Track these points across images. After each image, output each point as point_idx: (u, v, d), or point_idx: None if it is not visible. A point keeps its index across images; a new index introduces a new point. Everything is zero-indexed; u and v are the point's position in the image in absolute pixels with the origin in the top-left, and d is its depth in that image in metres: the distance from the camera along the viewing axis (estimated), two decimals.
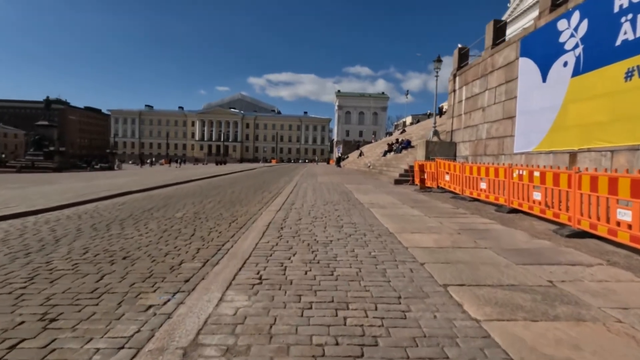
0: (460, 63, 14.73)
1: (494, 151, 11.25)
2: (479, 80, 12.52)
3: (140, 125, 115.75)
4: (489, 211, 7.50)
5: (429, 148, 14.40)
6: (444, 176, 10.93)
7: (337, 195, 9.87)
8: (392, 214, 6.83)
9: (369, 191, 11.20)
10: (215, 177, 21.04)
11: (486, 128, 11.85)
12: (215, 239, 5.06)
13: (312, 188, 12.15)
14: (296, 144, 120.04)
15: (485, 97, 11.96)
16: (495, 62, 11.40)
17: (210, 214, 7.29)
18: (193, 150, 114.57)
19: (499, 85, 11.11)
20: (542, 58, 9.00)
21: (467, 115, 13.43)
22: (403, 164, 17.55)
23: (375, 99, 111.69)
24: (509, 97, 10.54)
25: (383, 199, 9.34)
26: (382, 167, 20.60)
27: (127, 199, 9.94)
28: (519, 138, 9.89)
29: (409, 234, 5.10)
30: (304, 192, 10.73)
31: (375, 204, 8.20)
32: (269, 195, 10.77)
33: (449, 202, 8.82)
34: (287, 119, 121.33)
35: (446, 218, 6.55)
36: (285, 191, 11.37)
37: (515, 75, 10.24)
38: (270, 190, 12.32)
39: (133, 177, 20.60)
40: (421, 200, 9.25)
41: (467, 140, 13.34)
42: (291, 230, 5.29)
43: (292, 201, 8.66)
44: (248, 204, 8.92)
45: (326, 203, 8.34)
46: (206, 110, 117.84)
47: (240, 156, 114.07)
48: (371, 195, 10.01)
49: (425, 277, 3.27)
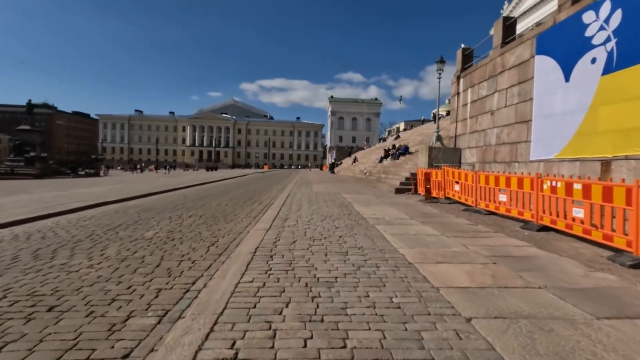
0: (464, 64, 13.86)
1: (506, 158, 10.30)
2: (486, 82, 11.62)
3: (130, 131, 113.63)
4: (513, 228, 6.47)
5: (432, 154, 13.42)
6: (452, 186, 9.92)
7: (335, 208, 8.78)
8: (403, 234, 5.75)
9: (370, 202, 10.14)
10: (203, 185, 19.81)
11: (496, 133, 10.91)
12: (184, 273, 3.92)
13: (307, 199, 11.05)
14: (289, 150, 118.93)
15: (495, 100, 11.04)
16: (506, 62, 10.49)
17: (188, 233, 6.13)
18: (184, 156, 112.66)
19: (510, 86, 10.20)
20: (564, 55, 8.09)
21: (473, 119, 12.50)
22: (403, 171, 16.56)
23: (369, 104, 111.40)
24: (522, 99, 9.61)
25: (388, 212, 8.27)
26: (379, 175, 19.59)
27: (96, 212, 8.72)
28: (536, 144, 8.94)
29: (433, 265, 4.02)
30: (298, 204, 9.62)
31: (381, 219, 7.13)
32: (259, 207, 9.63)
33: (463, 217, 7.79)
34: (280, 125, 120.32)
35: (468, 238, 5.50)
36: (277, 202, 10.25)
37: (530, 75, 9.32)
38: (261, 201, 11.18)
39: (116, 184, 19.28)
40: (431, 213, 8.20)
41: (473, 146, 12.39)
42: (283, 259, 4.17)
43: (284, 215, 7.54)
44: (234, 218, 7.77)
45: (324, 218, 7.24)
46: (198, 116, 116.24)
47: (232, 162, 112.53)
48: (374, 208, 8.94)
49: (484, 351, 2.18)
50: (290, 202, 10.00)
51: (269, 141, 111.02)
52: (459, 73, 13.93)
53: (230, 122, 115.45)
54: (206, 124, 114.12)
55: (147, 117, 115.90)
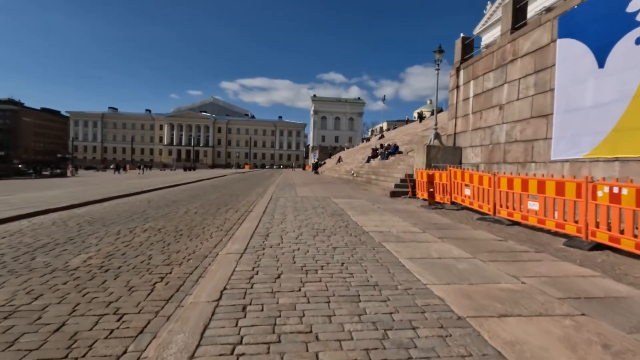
0: (464, 55, 12.65)
1: (519, 158, 9.08)
2: (493, 73, 10.40)
3: (103, 129, 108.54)
4: (555, 245, 5.16)
5: (431, 154, 12.13)
6: (461, 190, 8.61)
7: (328, 218, 7.29)
8: (424, 257, 4.32)
9: (366, 209, 8.70)
10: (176, 187, 17.92)
11: (506, 130, 9.69)
12: (99, 349, 2.32)
13: (293, 205, 9.51)
14: (270, 150, 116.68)
15: (504, 92, 9.82)
16: (518, 49, 9.29)
17: (133, 258, 4.50)
18: (161, 156, 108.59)
19: (524, 76, 8.99)
20: (597, 37, 6.89)
21: (476, 115, 11.28)
22: (395, 172, 15.24)
23: (352, 104, 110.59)
24: (540, 91, 8.41)
25: (391, 222, 6.85)
26: (369, 176, 18.24)
27: (30, 223, 6.92)
28: (559, 141, 7.73)
29: (497, 322, 2.58)
30: (282, 213, 8.08)
31: (387, 234, 5.68)
32: (234, 217, 8.02)
33: (483, 228, 6.45)
34: (261, 124, 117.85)
35: (511, 263, 4.13)
36: (257, 209, 8.66)
37: (550, 62, 8.12)
38: (238, 208, 9.55)
39: (77, 187, 17.11)
40: (443, 224, 6.83)
41: (477, 144, 11.17)
42: (262, 316, 2.64)
43: (265, 229, 5.99)
44: (202, 233, 6.16)
45: (316, 233, 5.73)
46: (176, 114, 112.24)
47: (212, 162, 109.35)
48: (373, 217, 7.50)
49: None
50: (273, 210, 8.44)
51: (250, 140, 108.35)
52: (458, 64, 12.70)
53: (210, 120, 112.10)
54: (185, 122, 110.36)
55: (122, 115, 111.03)
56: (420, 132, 27.53)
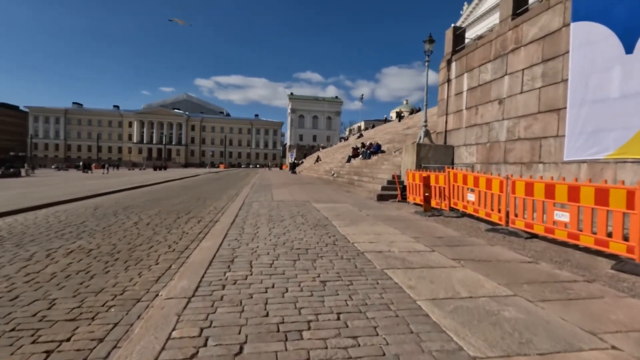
0: (456, 46, 11.65)
1: (523, 158, 8.10)
2: (491, 63, 9.41)
3: (67, 126, 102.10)
4: (601, 269, 4.07)
5: (421, 153, 11.04)
6: (462, 194, 7.51)
7: (310, 232, 5.96)
8: (453, 298, 3.08)
9: (355, 217, 7.44)
10: (138, 189, 16.03)
11: (507, 126, 8.71)
12: None
13: (268, 213, 8.12)
14: (247, 149, 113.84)
15: (505, 85, 8.84)
16: (521, 36, 8.30)
17: (23, 306, 2.99)
18: (130, 154, 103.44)
19: (530, 66, 8.01)
20: (623, 18, 5.93)
21: (471, 110, 10.28)
22: (380, 172, 14.11)
23: (330, 103, 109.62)
24: (550, 82, 7.43)
25: (388, 236, 5.61)
26: (351, 176, 17.04)
27: None
28: (574, 139, 6.76)
29: None
30: (254, 224, 6.69)
31: (389, 256, 4.43)
32: (194, 231, 6.54)
33: (500, 243, 5.33)
34: (237, 122, 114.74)
35: (573, 306, 2.96)
36: (224, 219, 7.21)
37: (562, 49, 7.15)
38: (202, 217, 8.04)
39: (21, 189, 14.87)
40: (450, 238, 5.66)
41: (472, 143, 10.17)
42: None
43: (230, 252, 4.60)
44: (145, 257, 4.67)
45: (297, 256, 4.39)
46: (146, 110, 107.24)
47: (185, 160, 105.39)
48: (365, 228, 6.24)
49: None
50: (243, 219, 7.02)
51: (225, 139, 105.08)
52: (449, 56, 11.69)
53: (183, 117, 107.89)
54: (156, 119, 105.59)
55: (88, 111, 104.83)
56: (401, 131, 26.70)
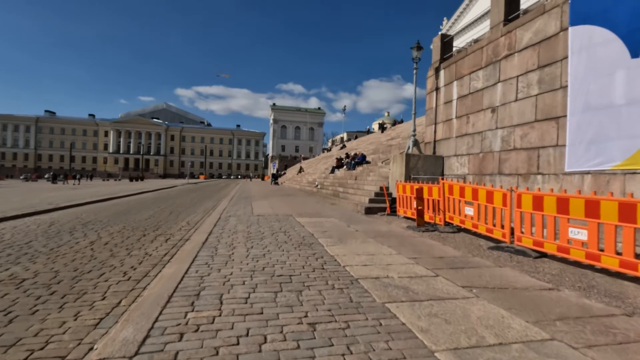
0: (444, 54, 11.33)
1: (519, 169, 7.67)
2: (482, 71, 9.05)
3: (38, 134, 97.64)
4: (633, 296, 3.50)
5: (410, 164, 10.52)
6: (459, 208, 6.95)
7: (294, 252, 5.21)
8: (479, 347, 2.41)
9: (343, 234, 6.74)
10: (107, 201, 14.83)
11: (501, 136, 8.29)
12: None
13: (246, 229, 7.33)
14: (228, 159, 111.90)
15: (498, 92, 8.46)
16: (514, 42, 7.97)
17: None
18: (105, 164, 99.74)
19: (525, 72, 7.65)
20: (627, 21, 5.59)
21: (462, 119, 9.87)
22: (367, 184, 13.52)
23: (312, 114, 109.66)
24: (547, 89, 7.06)
25: (383, 257, 4.93)
26: (335, 188, 16.39)
27: None
28: (576, 149, 6.34)
29: None
30: (229, 243, 5.89)
31: (388, 283, 3.74)
32: (160, 250, 5.66)
33: (509, 264, 4.74)
34: (218, 132, 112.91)
35: (624, 354, 2.34)
36: (196, 237, 6.37)
37: (560, 54, 6.80)
38: (172, 234, 7.14)
39: None
40: (452, 258, 5.03)
41: (463, 153, 9.73)
42: None
43: (198, 281, 3.81)
44: (90, 289, 3.79)
45: (279, 287, 3.64)
46: (123, 120, 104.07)
47: (164, 171, 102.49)
48: (355, 247, 5.55)
49: None
50: (218, 237, 6.20)
51: (205, 149, 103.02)
52: (437, 64, 11.35)
53: (162, 127, 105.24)
54: (134, 128, 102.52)
55: (61, 120, 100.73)
56: (385, 142, 26.40)
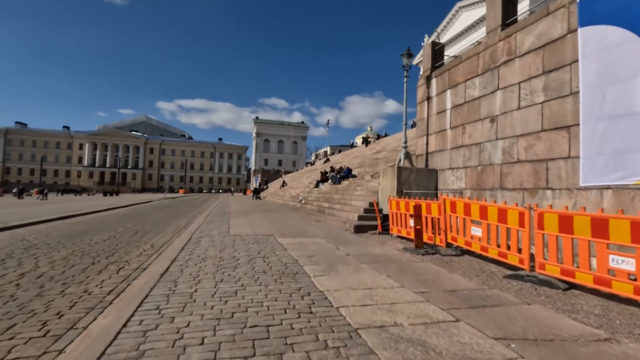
0: (435, 62, 10.77)
1: (524, 183, 6.96)
2: (479, 78, 8.44)
3: (6, 147, 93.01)
4: None
5: (402, 178, 9.73)
6: (463, 227, 6.12)
7: (274, 285, 4.21)
8: None
9: (332, 259, 5.77)
10: (67, 219, 13.34)
11: (502, 147, 7.61)
12: None
13: (218, 254, 6.26)
14: (209, 173, 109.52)
15: (497, 101, 7.83)
16: (514, 47, 7.39)
17: None
18: (79, 178, 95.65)
19: (527, 79, 7.03)
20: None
21: (456, 130, 9.20)
22: (354, 199, 12.65)
23: (295, 127, 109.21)
24: (555, 96, 6.43)
25: (385, 292, 3.99)
26: (321, 203, 15.45)
27: None
28: (592, 161, 5.66)
29: None
30: (194, 274, 4.83)
31: (399, 337, 2.79)
32: (103, 289, 4.52)
33: (538, 300, 3.88)
34: (200, 146, 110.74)
35: None
36: (155, 267, 5.26)
37: (568, 58, 6.20)
38: (127, 262, 5.98)
39: None
40: (467, 291, 4.13)
41: (459, 166, 9.02)
42: None
43: (136, 342, 2.76)
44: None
45: (251, 347, 2.64)
46: (100, 132, 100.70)
47: (142, 185, 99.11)
48: (349, 279, 4.59)
49: None
50: (182, 267, 5.12)
51: (186, 163, 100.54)
52: (428, 72, 10.75)
53: (141, 140, 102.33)
54: (111, 141, 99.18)
55: (33, 132, 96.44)
56: (370, 155, 25.84)
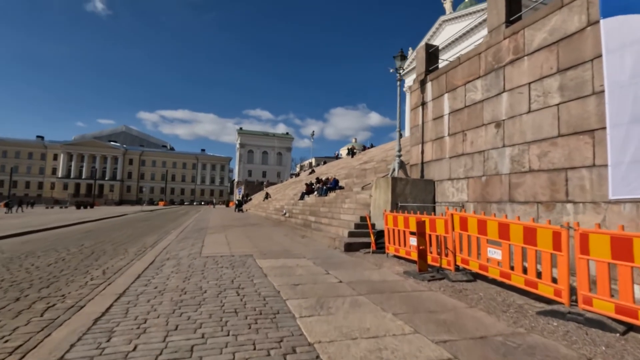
0: (429, 66, 10.03)
1: (539, 195, 6.12)
2: (481, 80, 7.68)
3: None
4: None
5: (397, 189, 8.81)
6: (478, 248, 5.18)
7: (246, 334, 3.14)
8: None
9: (323, 290, 4.71)
10: (17, 237, 11.78)
11: (509, 155, 6.80)
12: None
13: (181, 285, 5.11)
14: (191, 185, 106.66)
15: (503, 104, 7.05)
16: (523, 44, 6.65)
17: None
18: (53, 190, 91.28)
19: (539, 78, 6.27)
20: None
21: (456, 137, 8.39)
22: (343, 212, 11.65)
23: (280, 138, 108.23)
24: (573, 96, 5.67)
25: (395, 343, 2.96)
26: (306, 217, 14.37)
27: None
28: (622, 170, 4.86)
29: None
30: (142, 315, 3.72)
31: None
32: (7, 347, 3.32)
33: (595, 349, 2.93)
34: (181, 157, 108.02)
35: None
36: (92, 307, 4.07)
37: (588, 54, 5.47)
38: (63, 297, 4.73)
39: None
40: (504, 340, 3.15)
41: (460, 176, 8.17)
42: None
43: None
44: None
45: None
46: (77, 142, 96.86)
47: (120, 197, 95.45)
48: (345, 320, 3.55)
49: None
50: (127, 305, 3.96)
51: (166, 174, 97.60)
52: (423, 76, 10.00)
53: (120, 151, 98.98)
54: (87, 152, 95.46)
55: (3, 141, 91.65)
56: (357, 166, 25.01)
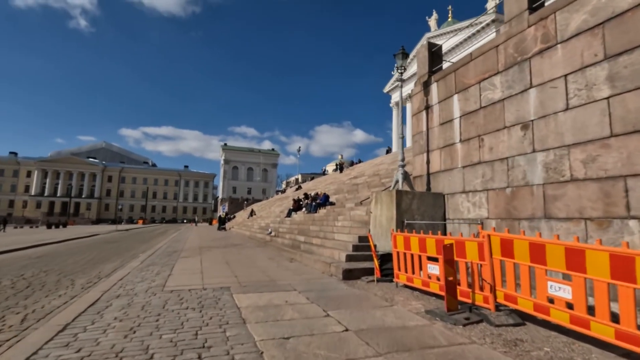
0: (433, 66, 8.99)
1: (586, 210, 4.93)
2: (500, 76, 6.60)
3: None
4: None
5: (403, 205, 7.53)
6: (531, 280, 3.88)
7: None
8: None
9: (326, 352, 3.28)
10: None
11: (542, 161, 5.65)
12: None
13: (118, 343, 3.63)
14: (173, 202, 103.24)
15: (531, 102, 5.94)
16: (554, 30, 5.61)
17: None
18: (25, 209, 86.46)
19: (579, 69, 5.20)
20: None
21: (470, 143, 7.24)
22: (337, 231, 10.26)
23: (265, 154, 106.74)
24: (630, 87, 4.57)
25: None
26: (295, 236, 12.89)
27: None
28: None
29: None
30: None
31: None
32: None
33: None
34: (164, 173, 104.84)
35: None
36: None
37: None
38: None
39: None
40: None
41: (477, 189, 6.97)
42: None
43: None
44: None
45: None
46: (52, 159, 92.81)
47: (97, 216, 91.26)
48: None
49: None
50: None
51: (147, 191, 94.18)
52: (426, 77, 8.93)
53: (99, 167, 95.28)
54: (64, 169, 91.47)
55: None
56: (347, 181, 23.78)
